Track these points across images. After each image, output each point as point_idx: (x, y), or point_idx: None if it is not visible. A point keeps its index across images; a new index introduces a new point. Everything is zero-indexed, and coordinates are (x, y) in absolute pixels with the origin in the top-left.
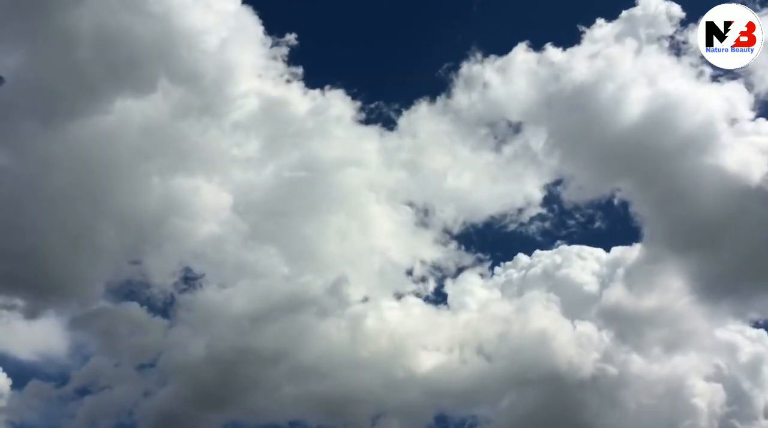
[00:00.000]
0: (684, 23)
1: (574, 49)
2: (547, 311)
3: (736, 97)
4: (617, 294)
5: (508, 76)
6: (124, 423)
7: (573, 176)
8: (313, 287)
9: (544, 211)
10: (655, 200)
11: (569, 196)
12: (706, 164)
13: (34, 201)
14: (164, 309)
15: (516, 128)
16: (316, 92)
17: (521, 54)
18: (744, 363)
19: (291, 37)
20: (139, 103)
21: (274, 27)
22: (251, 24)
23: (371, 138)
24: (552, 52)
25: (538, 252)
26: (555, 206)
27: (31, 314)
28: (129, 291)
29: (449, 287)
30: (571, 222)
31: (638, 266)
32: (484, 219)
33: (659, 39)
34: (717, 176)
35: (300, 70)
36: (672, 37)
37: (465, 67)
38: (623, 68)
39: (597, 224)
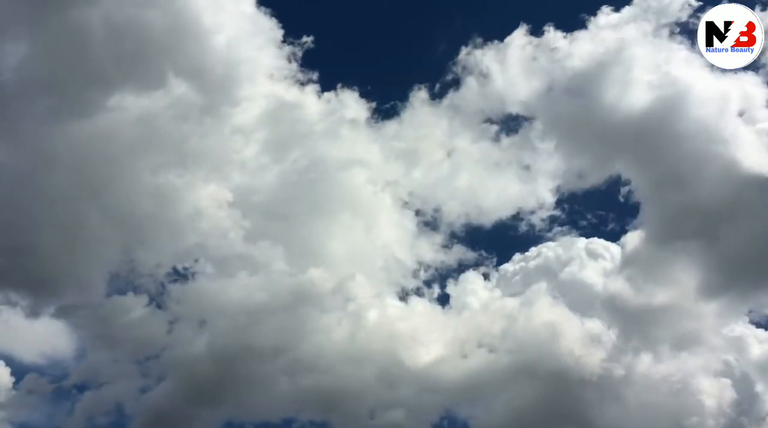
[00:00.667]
0: (699, 11)
1: (580, 34)
2: (551, 306)
3: (749, 87)
4: (621, 287)
5: (511, 63)
6: (121, 419)
7: (575, 167)
8: (315, 284)
9: (548, 203)
10: (660, 191)
11: (571, 186)
12: (715, 153)
13: (33, 197)
14: (164, 303)
15: (520, 118)
16: (326, 93)
17: (525, 38)
18: (755, 360)
19: (306, 39)
20: (144, 100)
21: (289, 28)
22: (266, 25)
23: (377, 137)
24: (555, 36)
25: (541, 246)
26: (558, 196)
27: (31, 311)
28: (128, 286)
29: (452, 285)
30: (574, 212)
31: (643, 259)
32: (487, 216)
33: (670, 26)
34: (726, 166)
35: (306, 70)
36: (685, 25)
37: (466, 56)
38: (631, 54)
39: (600, 214)
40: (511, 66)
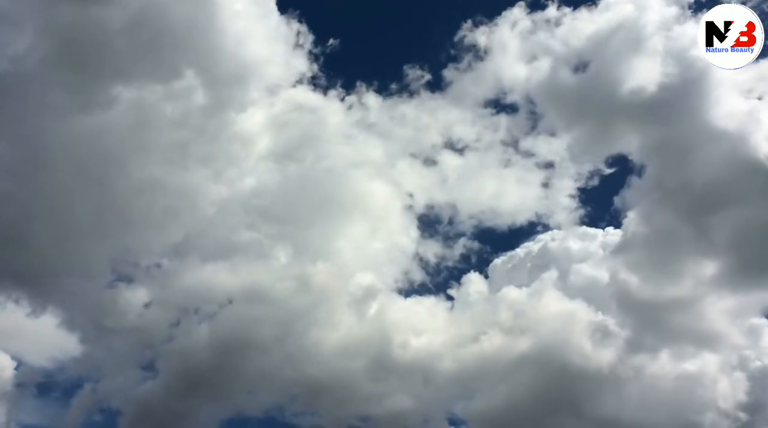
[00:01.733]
0: None
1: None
2: (555, 299)
3: None
4: (629, 279)
5: (511, 44)
6: (120, 413)
7: (576, 149)
8: (316, 280)
9: (551, 192)
10: (672, 176)
11: (573, 172)
12: (729, 135)
13: (33, 192)
14: (164, 296)
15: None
16: (323, 90)
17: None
18: None
19: (309, 38)
20: (150, 96)
21: (311, 31)
22: (287, 27)
23: (379, 136)
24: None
25: (542, 237)
26: (561, 183)
27: (30, 306)
28: (128, 281)
29: (456, 282)
30: (577, 202)
31: (652, 250)
32: (493, 213)
33: (684, 7)
34: (740, 149)
35: (312, 68)
36: (701, 4)
37: (467, 39)
38: (643, 33)
39: (602, 201)
40: (516, 47)
